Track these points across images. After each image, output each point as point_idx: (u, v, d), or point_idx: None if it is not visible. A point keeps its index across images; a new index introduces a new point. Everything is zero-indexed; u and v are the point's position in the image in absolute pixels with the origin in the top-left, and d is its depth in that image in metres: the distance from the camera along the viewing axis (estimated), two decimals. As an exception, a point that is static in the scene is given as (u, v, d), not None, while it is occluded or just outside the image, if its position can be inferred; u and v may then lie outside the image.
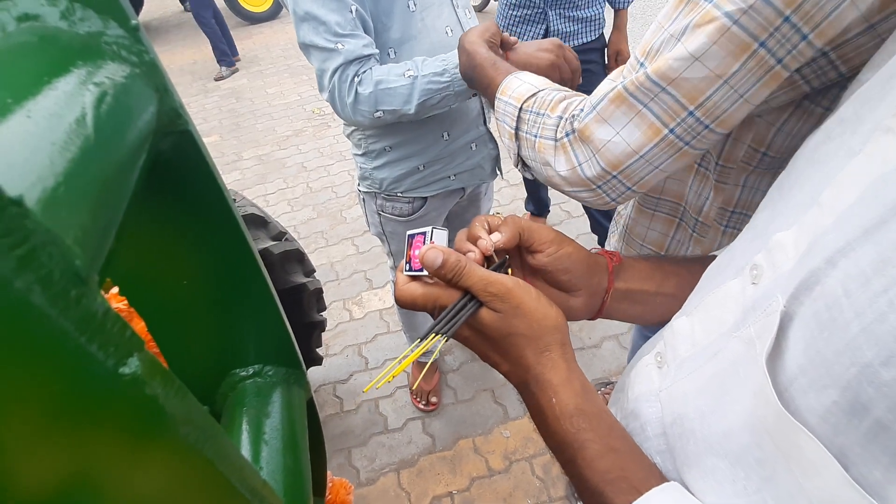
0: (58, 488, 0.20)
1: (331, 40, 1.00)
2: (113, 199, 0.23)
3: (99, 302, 0.18)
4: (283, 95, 4.84)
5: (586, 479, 0.36)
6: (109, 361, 0.18)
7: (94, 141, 0.22)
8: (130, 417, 0.20)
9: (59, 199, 0.18)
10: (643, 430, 0.40)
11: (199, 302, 0.44)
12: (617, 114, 0.52)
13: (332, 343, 2.29)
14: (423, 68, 1.01)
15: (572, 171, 0.59)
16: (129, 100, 0.27)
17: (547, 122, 0.61)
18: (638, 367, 0.45)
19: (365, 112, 1.05)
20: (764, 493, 0.28)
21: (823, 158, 0.33)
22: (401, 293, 0.43)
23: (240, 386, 0.50)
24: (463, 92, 1.01)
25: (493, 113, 0.74)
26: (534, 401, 0.39)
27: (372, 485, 1.77)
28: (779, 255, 0.31)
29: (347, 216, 3.08)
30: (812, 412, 0.24)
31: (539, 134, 0.63)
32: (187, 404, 0.23)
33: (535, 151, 0.64)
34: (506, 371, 0.42)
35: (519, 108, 0.66)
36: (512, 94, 0.68)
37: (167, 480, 0.24)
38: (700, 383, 0.34)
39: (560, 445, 0.37)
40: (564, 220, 2.84)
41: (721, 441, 0.31)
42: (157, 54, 0.33)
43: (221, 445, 0.26)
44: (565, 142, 0.59)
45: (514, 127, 0.67)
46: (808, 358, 0.25)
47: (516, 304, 0.39)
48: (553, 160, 0.61)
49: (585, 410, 0.37)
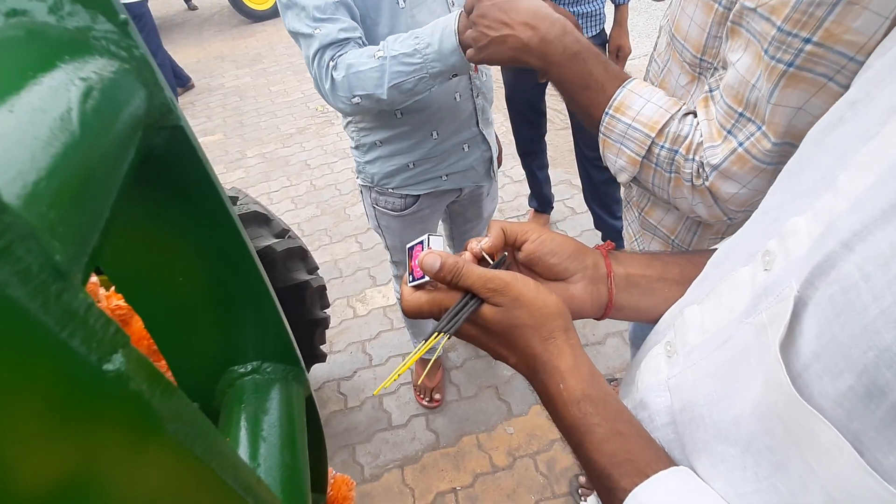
0: (44, 486, 0.20)
1: (310, 25, 0.98)
2: (98, 195, 0.23)
3: (81, 298, 0.18)
4: (287, 93, 4.84)
5: (594, 462, 0.36)
6: (93, 357, 0.18)
7: (78, 136, 0.22)
8: (116, 415, 0.20)
9: (39, 193, 0.18)
10: (651, 420, 0.40)
11: (196, 298, 0.44)
12: (741, 174, 0.56)
13: (335, 340, 2.30)
14: (393, 48, 0.93)
15: (710, 209, 0.62)
16: (117, 95, 0.26)
17: (684, 164, 0.61)
18: (647, 357, 0.45)
19: (343, 98, 1.00)
20: (775, 479, 0.27)
21: (836, 142, 0.33)
22: (407, 303, 0.44)
23: (238, 383, 0.50)
24: (438, 74, 0.93)
25: (596, 122, 0.67)
26: (543, 388, 0.40)
27: (376, 481, 1.78)
28: (792, 241, 0.31)
29: (351, 213, 3.08)
30: (826, 398, 0.24)
31: (676, 171, 0.62)
32: (176, 401, 0.23)
33: (668, 184, 0.64)
34: (514, 363, 0.43)
35: (651, 140, 0.63)
36: (637, 117, 0.63)
37: (156, 479, 0.24)
38: (710, 370, 0.34)
39: (569, 430, 0.38)
40: (568, 216, 2.83)
41: (731, 428, 0.31)
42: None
43: (213, 443, 0.26)
44: (703, 188, 0.60)
45: (641, 156, 0.64)
46: (823, 343, 0.24)
47: (515, 295, 0.40)
48: (690, 197, 0.62)
49: (592, 396, 0.38)
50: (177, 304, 0.43)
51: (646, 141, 0.63)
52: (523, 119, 2.40)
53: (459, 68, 0.92)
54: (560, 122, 3.57)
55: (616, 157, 0.67)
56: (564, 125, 3.42)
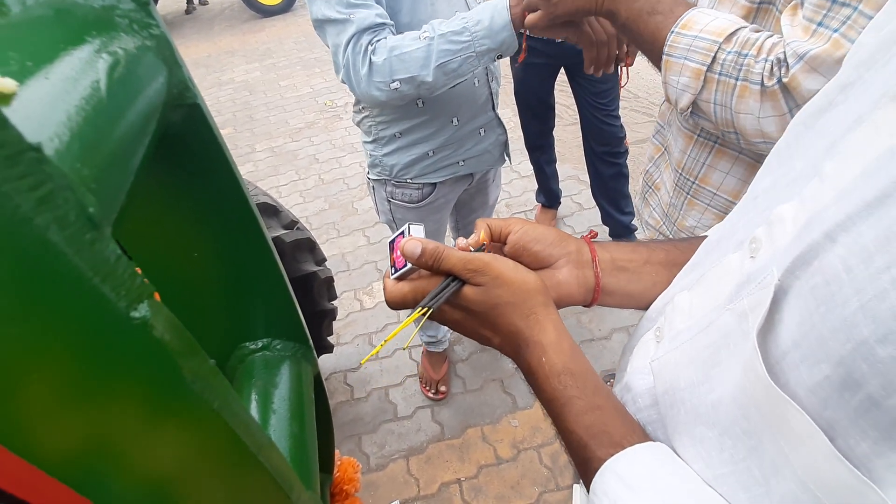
0: (77, 434, 0.22)
1: (343, 12, 0.98)
2: (124, 159, 0.24)
3: (111, 248, 0.19)
4: (296, 88, 4.87)
5: (572, 433, 0.37)
6: (121, 303, 0.19)
7: (106, 103, 0.23)
8: (141, 362, 0.21)
9: (74, 151, 0.20)
10: (634, 402, 0.40)
11: (210, 274, 0.45)
12: (830, 62, 0.53)
13: (342, 332, 2.32)
14: (440, 28, 0.94)
15: (780, 119, 0.58)
16: (140, 69, 0.28)
17: (754, 65, 0.59)
18: (639, 344, 0.46)
19: (380, 84, 0.99)
20: (749, 461, 0.28)
21: (826, 127, 0.33)
22: (390, 294, 0.45)
23: (249, 359, 0.51)
24: (485, 52, 0.94)
25: (659, 49, 0.66)
26: (526, 363, 0.41)
27: (381, 470, 1.80)
28: (778, 229, 0.31)
29: (359, 207, 3.10)
30: (802, 386, 0.24)
31: (742, 77, 0.60)
32: (196, 355, 0.24)
33: (732, 95, 0.61)
34: (499, 344, 0.44)
35: (718, 46, 0.61)
36: (705, 28, 0.62)
37: (175, 429, 0.25)
38: (691, 354, 0.34)
39: (549, 402, 0.39)
40: (576, 211, 2.83)
41: (710, 411, 0.31)
42: (169, 33, 0.35)
43: (229, 399, 0.28)
44: (775, 89, 0.57)
45: (706, 65, 0.62)
46: (803, 333, 0.25)
47: (495, 274, 0.41)
48: (757, 107, 0.59)
49: (572, 370, 0.39)
50: (191, 279, 0.45)
51: (711, 48, 0.61)
52: (532, 113, 2.40)
53: (508, 47, 0.92)
54: (568, 118, 3.57)
55: (678, 76, 0.66)
56: (573, 120, 3.41)
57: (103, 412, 0.23)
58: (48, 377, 0.20)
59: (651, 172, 1.17)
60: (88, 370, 0.20)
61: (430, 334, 1.95)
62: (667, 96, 0.72)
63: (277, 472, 0.35)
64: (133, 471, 0.26)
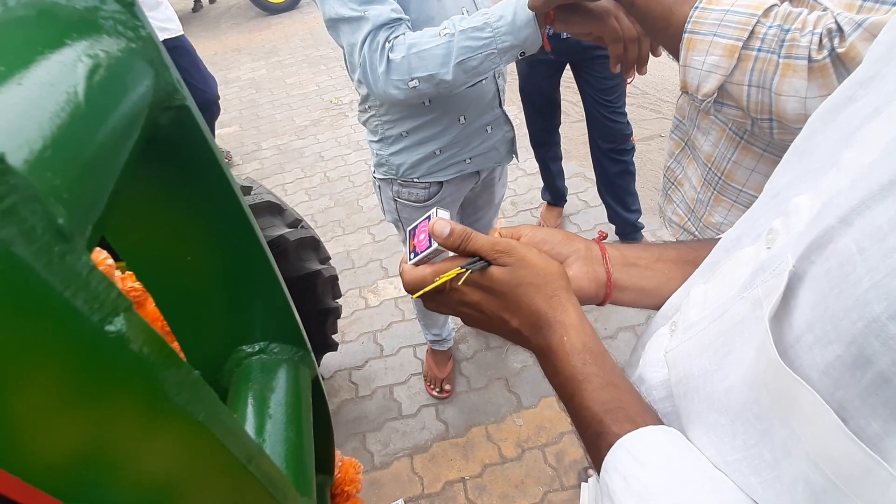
0: (51, 446, 0.21)
1: (356, 9, 0.95)
2: (103, 167, 0.24)
3: (84, 260, 0.19)
4: (302, 86, 4.87)
5: (587, 409, 0.38)
6: (95, 317, 0.19)
7: (84, 110, 0.23)
8: (118, 378, 0.21)
9: (44, 161, 0.19)
10: (648, 394, 0.40)
11: (205, 278, 0.45)
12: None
13: (347, 330, 2.32)
14: (461, 24, 0.91)
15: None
16: (124, 72, 0.27)
17: (799, 38, 0.54)
18: (653, 338, 0.46)
19: (399, 83, 0.96)
20: (761, 446, 0.28)
21: (845, 121, 0.33)
22: (409, 276, 0.46)
23: (246, 362, 0.51)
24: (507, 49, 0.90)
25: (679, 28, 0.60)
26: (545, 342, 0.42)
27: (385, 469, 1.80)
28: (794, 219, 0.31)
29: (364, 205, 3.10)
30: (814, 368, 0.24)
31: (786, 53, 0.55)
32: (177, 367, 0.24)
33: (773, 75, 0.56)
34: (517, 325, 0.44)
35: (757, 19, 0.56)
36: (737, 1, 0.57)
37: (159, 442, 0.25)
38: (705, 343, 0.34)
39: (567, 380, 0.40)
40: (582, 209, 2.80)
41: (722, 398, 0.31)
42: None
43: (215, 411, 0.27)
44: (826, 63, 0.53)
45: (742, 40, 0.56)
46: (817, 315, 0.25)
47: (521, 256, 0.43)
48: (803, 85, 0.54)
49: (592, 348, 0.40)
50: (186, 283, 0.44)
51: (749, 21, 0.56)
52: (537, 110, 2.38)
53: (531, 43, 0.89)
54: (575, 115, 3.54)
55: (704, 56, 0.60)
56: (579, 117, 3.38)
57: (84, 427, 0.23)
58: (25, 393, 0.20)
59: (673, 168, 1.15)
60: (66, 386, 0.20)
61: (434, 332, 1.94)
62: (684, 82, 0.65)
63: (269, 481, 0.35)
64: (119, 483, 0.25)
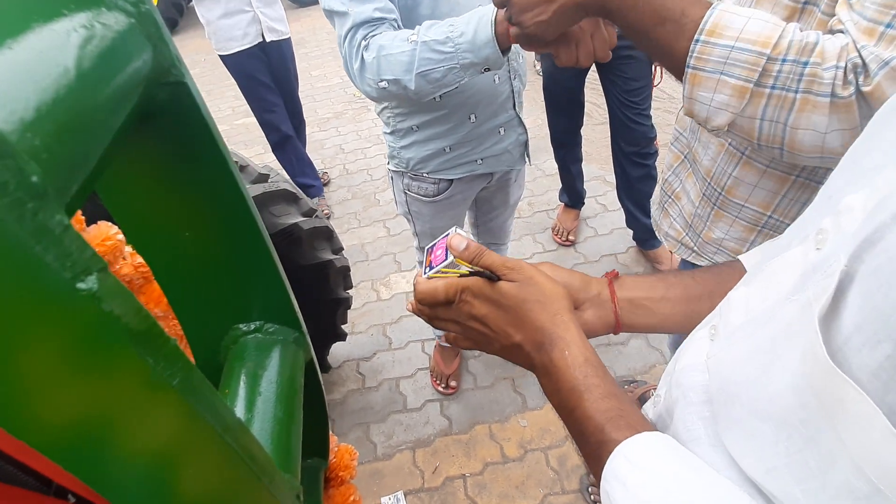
0: (14, 399, 0.22)
1: (345, 3, 0.97)
2: (88, 132, 0.24)
3: (58, 218, 0.19)
4: (326, 78, 4.93)
5: (589, 419, 0.39)
6: (66, 274, 0.19)
7: (72, 76, 0.23)
8: (89, 337, 0.21)
9: (24, 121, 0.20)
10: (685, 396, 0.40)
11: (201, 254, 0.46)
12: None
13: (358, 321, 2.34)
14: (427, 33, 0.90)
15: (848, 133, 0.51)
16: (119, 45, 0.28)
17: (821, 74, 0.50)
18: (690, 342, 0.45)
19: (370, 81, 0.96)
20: (805, 453, 0.28)
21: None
22: (422, 287, 0.49)
23: (241, 340, 0.52)
24: (469, 66, 0.89)
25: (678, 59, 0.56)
26: (547, 358, 0.44)
27: (388, 460, 1.81)
28: (846, 218, 0.30)
29: (381, 199, 3.12)
30: (864, 370, 0.24)
31: (804, 88, 0.51)
32: (153, 332, 0.24)
33: (789, 110, 0.53)
34: (519, 340, 0.46)
35: (766, 57, 0.52)
36: (742, 35, 0.53)
37: (131, 409, 0.25)
38: (750, 349, 0.34)
39: (569, 393, 0.42)
40: (600, 213, 2.77)
41: (766, 405, 0.31)
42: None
43: (191, 379, 0.28)
44: (851, 100, 0.50)
45: (752, 81, 0.53)
46: (865, 315, 0.24)
47: (529, 275, 0.47)
48: (824, 121, 0.51)
49: (592, 361, 0.42)
50: (183, 258, 0.46)
51: (758, 61, 0.52)
52: (560, 109, 2.36)
53: (492, 62, 0.88)
54: (599, 116, 3.49)
55: (713, 94, 0.55)
56: (602, 119, 3.34)
57: (50, 386, 0.23)
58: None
59: (670, 181, 1.12)
60: (35, 341, 0.20)
61: (443, 328, 1.94)
62: (691, 112, 0.61)
63: (247, 454, 0.35)
64: (86, 446, 0.26)
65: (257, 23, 2.58)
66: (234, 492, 0.37)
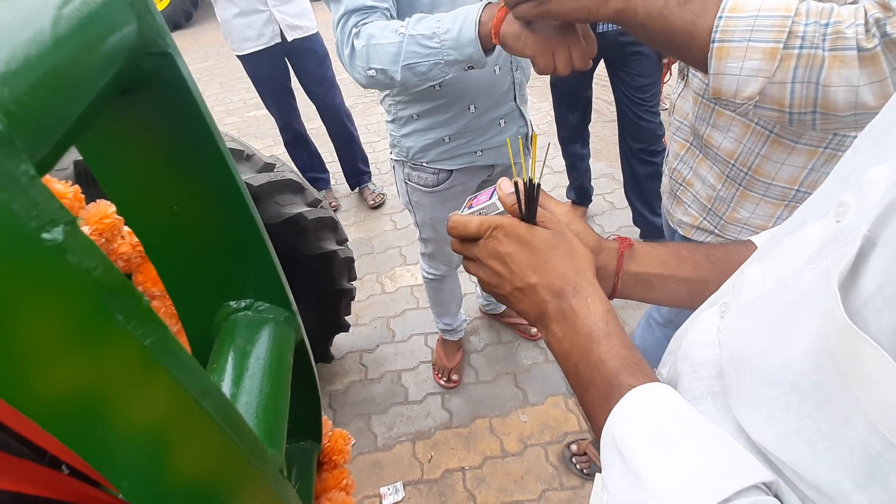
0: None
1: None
2: (64, 92, 0.24)
3: (23, 169, 0.20)
4: (338, 72, 4.92)
5: (603, 363, 0.40)
6: (31, 224, 0.20)
7: (48, 36, 0.24)
8: (54, 289, 0.22)
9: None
10: (693, 370, 0.40)
11: (191, 229, 0.46)
12: None
13: (362, 313, 2.36)
14: (415, 27, 0.91)
15: (880, 86, 0.54)
16: (101, 11, 0.28)
17: (843, 30, 0.54)
18: (696, 319, 0.46)
19: (360, 69, 0.97)
20: (816, 417, 0.27)
21: None
22: (456, 218, 0.50)
23: (232, 317, 0.52)
24: (454, 63, 0.90)
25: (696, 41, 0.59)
26: (566, 304, 0.44)
27: (388, 451, 1.82)
28: (869, 190, 0.30)
29: (388, 192, 3.13)
30: (883, 330, 0.24)
31: (830, 46, 0.55)
32: (124, 288, 0.25)
33: (819, 69, 0.56)
34: (535, 282, 0.46)
35: (791, 20, 0.55)
36: (764, 6, 0.57)
37: (99, 367, 0.25)
38: (764, 319, 0.34)
39: (585, 338, 0.42)
40: (607, 210, 2.75)
41: (779, 371, 0.30)
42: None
43: (164, 338, 0.28)
44: (877, 51, 0.53)
45: (781, 41, 0.56)
46: (887, 277, 0.24)
47: (563, 230, 0.48)
48: (855, 74, 0.55)
49: (613, 314, 0.44)
50: (173, 233, 0.46)
51: (783, 24, 0.55)
52: (568, 105, 2.34)
53: (475, 61, 0.88)
54: (608, 114, 3.46)
55: (742, 63, 0.58)
56: (612, 117, 3.31)
57: (16, 344, 0.22)
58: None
59: (679, 169, 1.13)
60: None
61: (446, 322, 1.95)
62: (718, 90, 0.63)
63: (226, 420, 0.36)
64: (51, 407, 0.26)
65: (273, 23, 2.49)
66: (215, 459, 0.37)
